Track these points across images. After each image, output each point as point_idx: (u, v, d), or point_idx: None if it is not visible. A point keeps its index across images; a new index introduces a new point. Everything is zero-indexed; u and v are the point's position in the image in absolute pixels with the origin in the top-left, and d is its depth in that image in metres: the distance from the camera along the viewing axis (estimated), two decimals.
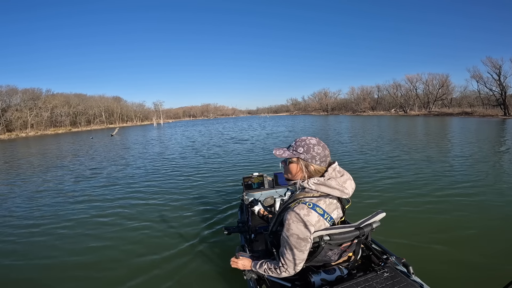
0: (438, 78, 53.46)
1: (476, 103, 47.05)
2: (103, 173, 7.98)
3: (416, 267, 1.48)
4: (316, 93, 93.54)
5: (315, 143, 1.33)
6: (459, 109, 43.85)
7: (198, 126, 41.76)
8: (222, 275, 2.62)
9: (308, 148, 1.32)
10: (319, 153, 1.32)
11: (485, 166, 6.66)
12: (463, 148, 9.54)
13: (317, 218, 1.24)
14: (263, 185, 3.08)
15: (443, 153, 8.77)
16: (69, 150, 16.08)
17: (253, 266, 1.49)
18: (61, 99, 58.24)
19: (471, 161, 7.28)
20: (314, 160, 1.31)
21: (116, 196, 5.60)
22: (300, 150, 1.33)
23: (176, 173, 7.54)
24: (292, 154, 1.35)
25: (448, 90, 52.87)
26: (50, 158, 12.63)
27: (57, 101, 56.65)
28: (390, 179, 5.81)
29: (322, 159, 1.32)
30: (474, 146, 9.81)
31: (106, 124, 66.48)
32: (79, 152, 14.43)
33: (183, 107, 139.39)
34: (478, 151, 8.82)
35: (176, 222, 4.04)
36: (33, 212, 4.88)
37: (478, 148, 9.45)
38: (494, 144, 10.34)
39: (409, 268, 1.44)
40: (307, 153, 1.31)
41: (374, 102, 68.75)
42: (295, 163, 1.35)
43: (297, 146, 1.34)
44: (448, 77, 52.33)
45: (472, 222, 3.55)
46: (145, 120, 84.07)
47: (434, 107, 51.97)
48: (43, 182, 7.27)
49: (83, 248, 3.41)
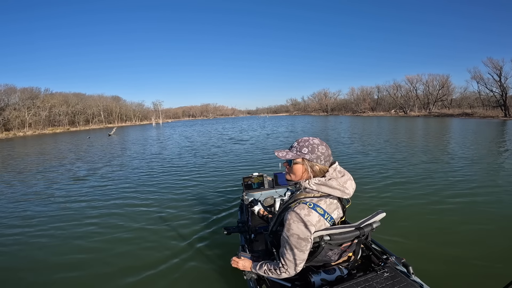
0: (439, 79, 53.69)
1: (476, 104, 47.22)
2: (99, 173, 7.98)
3: (416, 267, 1.49)
4: (315, 93, 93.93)
5: (318, 143, 1.34)
6: (460, 110, 43.99)
7: (197, 126, 41.76)
8: (222, 275, 2.63)
9: (312, 148, 1.32)
10: (323, 153, 1.32)
11: (485, 166, 6.68)
12: (463, 149, 9.57)
13: (318, 218, 1.25)
14: (263, 185, 3.09)
15: (443, 154, 8.79)
16: (64, 150, 15.91)
17: (253, 267, 1.49)
18: (59, 98, 58.18)
19: (471, 162, 7.30)
20: (319, 160, 1.32)
21: (116, 196, 5.60)
22: (304, 151, 1.32)
23: (176, 173, 7.54)
24: (297, 155, 1.34)
25: (448, 91, 53.03)
26: (45, 158, 12.56)
27: (55, 100, 56.58)
28: (390, 179, 5.84)
29: (326, 158, 1.33)
30: (474, 147, 9.85)
31: (104, 124, 66.49)
32: (74, 152, 14.27)
33: (183, 107, 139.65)
34: (478, 152, 8.85)
35: (176, 222, 4.05)
36: (20, 213, 4.84)
37: (478, 149, 9.49)
38: (494, 145, 10.38)
39: (409, 268, 1.44)
40: (312, 153, 1.31)
41: (374, 103, 68.89)
42: (300, 164, 1.34)
43: (301, 147, 1.34)
44: (448, 78, 52.61)
45: (472, 222, 3.58)
46: (144, 120, 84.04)
47: (434, 108, 52.09)
48: (36, 182, 7.26)
49: (83, 248, 3.41)
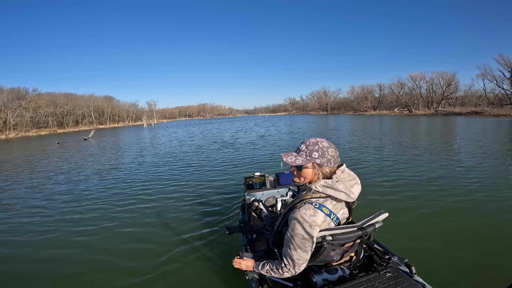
0: (444, 76, 53.78)
1: (481, 102, 47.35)
2: (95, 176, 8.00)
3: (418, 267, 1.54)
4: (314, 92, 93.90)
5: (327, 145, 1.36)
6: (467, 108, 43.97)
7: (194, 126, 41.68)
8: (224, 275, 2.69)
9: (323, 152, 1.33)
10: (333, 156, 1.35)
11: (489, 167, 6.74)
12: (473, 149, 9.61)
13: (323, 218, 1.29)
14: (264, 185, 3.15)
15: (448, 154, 8.85)
16: (19, 159, 13.62)
17: (255, 267, 1.54)
18: (47, 99, 57.83)
19: (476, 162, 7.37)
20: (329, 163, 1.34)
21: (115, 196, 5.66)
22: (315, 155, 1.34)
23: (175, 173, 7.58)
24: (307, 160, 1.35)
25: (456, 88, 52.99)
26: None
27: (42, 101, 56.20)
28: (393, 179, 5.93)
29: (336, 160, 1.37)
30: (483, 147, 9.90)
31: (95, 125, 66.09)
32: (30, 162, 12.12)
33: (179, 107, 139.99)
34: (483, 152, 8.92)
35: (177, 222, 4.13)
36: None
37: (484, 149, 9.54)
38: (501, 145, 10.45)
39: (412, 268, 1.49)
40: (323, 157, 1.33)
41: (376, 101, 69.05)
42: (310, 168, 1.36)
43: (310, 151, 1.35)
44: (455, 75, 52.44)
45: (475, 222, 3.66)
46: (138, 121, 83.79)
47: (440, 106, 52.25)
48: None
49: (83, 249, 3.47)
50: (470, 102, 49.93)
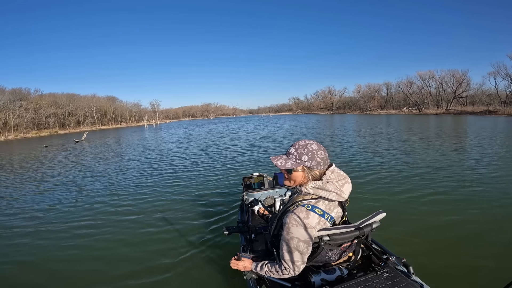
0: (454, 74, 52.98)
1: (492, 100, 46.57)
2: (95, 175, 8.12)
3: (416, 267, 1.56)
4: (319, 91, 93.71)
5: (316, 148, 1.38)
6: (481, 107, 43.12)
7: (197, 126, 41.87)
8: (222, 275, 2.75)
9: (312, 155, 1.36)
10: (322, 158, 1.38)
11: (489, 167, 6.72)
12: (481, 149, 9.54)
13: (318, 219, 1.33)
14: (263, 185, 3.21)
15: (452, 153, 8.79)
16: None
17: (254, 267, 1.57)
18: (49, 99, 58.51)
19: (475, 162, 7.34)
20: (319, 166, 1.37)
21: (114, 197, 5.74)
22: (304, 158, 1.36)
23: (175, 172, 7.65)
24: (297, 163, 1.37)
25: (468, 87, 52.16)
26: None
27: (44, 101, 56.85)
28: (391, 179, 5.98)
29: (325, 162, 1.40)
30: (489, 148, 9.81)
31: (98, 126, 66.77)
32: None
33: (183, 107, 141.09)
34: (483, 151, 8.85)
35: (176, 222, 4.21)
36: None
37: (483, 150, 9.43)
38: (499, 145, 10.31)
39: (409, 268, 1.52)
40: (312, 160, 1.36)
41: (383, 100, 68.48)
42: (300, 171, 1.39)
43: (300, 154, 1.37)
44: (467, 73, 51.53)
45: (472, 222, 3.69)
46: (141, 121, 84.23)
47: (451, 105, 51.54)
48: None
49: (83, 250, 3.55)
50: (480, 101, 49.19)
